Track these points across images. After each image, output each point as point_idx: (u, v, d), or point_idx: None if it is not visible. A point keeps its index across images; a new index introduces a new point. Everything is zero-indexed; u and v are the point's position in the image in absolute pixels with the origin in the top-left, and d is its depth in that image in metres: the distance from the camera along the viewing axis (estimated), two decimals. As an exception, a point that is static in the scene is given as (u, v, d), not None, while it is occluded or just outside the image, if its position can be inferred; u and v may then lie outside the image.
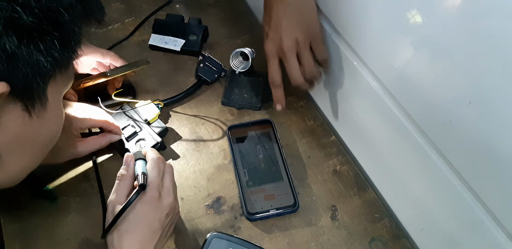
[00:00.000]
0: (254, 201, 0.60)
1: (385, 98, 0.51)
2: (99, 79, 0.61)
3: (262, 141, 0.66)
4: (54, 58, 0.33)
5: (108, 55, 0.67)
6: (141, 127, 0.64)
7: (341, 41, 0.56)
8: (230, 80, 0.72)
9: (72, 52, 0.35)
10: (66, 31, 0.33)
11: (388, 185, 0.61)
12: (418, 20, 0.40)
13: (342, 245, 0.59)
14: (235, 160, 0.64)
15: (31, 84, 0.32)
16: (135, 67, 0.63)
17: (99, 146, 0.60)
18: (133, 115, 0.65)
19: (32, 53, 0.31)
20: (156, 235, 0.46)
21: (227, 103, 0.71)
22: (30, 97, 0.33)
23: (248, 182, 0.62)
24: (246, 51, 0.67)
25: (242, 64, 0.70)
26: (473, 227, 0.45)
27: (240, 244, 0.55)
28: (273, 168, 0.64)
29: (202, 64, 0.72)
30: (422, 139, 0.47)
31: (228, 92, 0.71)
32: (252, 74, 0.73)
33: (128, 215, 0.45)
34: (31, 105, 0.34)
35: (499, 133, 0.36)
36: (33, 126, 0.36)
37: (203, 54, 0.74)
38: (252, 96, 0.71)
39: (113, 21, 0.82)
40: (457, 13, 0.36)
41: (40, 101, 0.34)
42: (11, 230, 0.58)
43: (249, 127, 0.68)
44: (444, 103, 0.42)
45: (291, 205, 0.60)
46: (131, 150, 0.62)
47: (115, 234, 0.45)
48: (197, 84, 0.72)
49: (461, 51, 0.37)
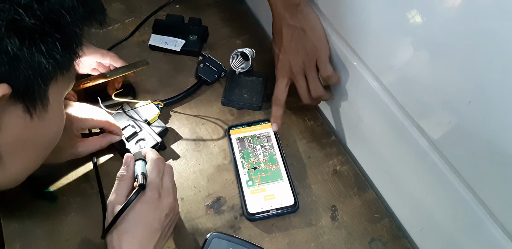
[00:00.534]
0: (254, 201, 0.60)
1: (384, 98, 0.51)
2: (99, 80, 0.61)
3: (262, 140, 0.66)
4: (55, 60, 0.33)
5: (108, 56, 0.67)
6: (141, 127, 0.64)
7: (341, 41, 0.56)
8: (230, 80, 0.72)
9: (73, 54, 0.36)
10: (67, 33, 0.33)
11: (388, 185, 0.61)
12: (418, 20, 0.40)
13: (342, 245, 0.59)
14: (235, 160, 0.64)
15: (33, 86, 0.32)
16: (135, 68, 0.63)
17: (100, 147, 0.60)
18: (133, 115, 0.65)
19: (33, 55, 0.31)
20: (156, 235, 0.46)
21: (227, 103, 0.71)
22: (32, 99, 0.33)
23: (248, 182, 0.62)
24: (246, 51, 0.67)
25: (242, 64, 0.70)
26: (473, 227, 0.45)
27: (240, 244, 0.55)
28: (273, 168, 0.64)
29: (202, 64, 0.72)
30: (421, 139, 0.47)
31: (228, 93, 0.71)
32: (253, 74, 0.73)
33: (128, 215, 0.45)
34: (32, 107, 0.34)
35: (499, 132, 0.36)
36: (34, 128, 0.36)
37: (203, 55, 0.74)
38: (253, 96, 0.71)
39: (113, 21, 0.82)
40: (457, 12, 0.36)
41: (41, 103, 0.34)
42: (11, 230, 0.58)
43: (249, 126, 0.68)
44: (443, 103, 0.42)
45: (291, 205, 0.60)
46: (131, 150, 0.62)
47: (114, 234, 0.45)
48: (197, 84, 0.72)
49: (461, 51, 0.37)
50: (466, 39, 0.36)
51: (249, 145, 0.66)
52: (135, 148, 0.62)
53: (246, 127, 0.68)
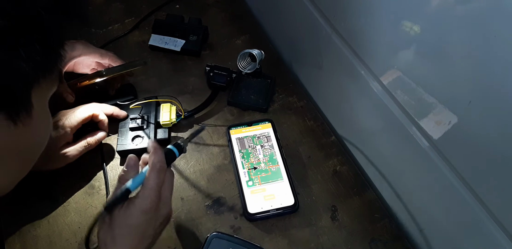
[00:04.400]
0: (254, 201, 0.60)
1: (384, 98, 0.51)
2: (96, 78, 0.61)
3: (262, 140, 0.66)
4: (36, 63, 0.30)
5: (107, 56, 0.67)
6: (148, 125, 0.64)
7: (341, 41, 0.56)
8: (238, 81, 0.72)
9: (55, 55, 0.33)
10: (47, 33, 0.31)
11: (388, 185, 0.61)
12: (418, 20, 0.40)
13: (342, 245, 0.59)
14: (235, 160, 0.64)
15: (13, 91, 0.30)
16: (132, 67, 0.63)
17: (86, 147, 0.61)
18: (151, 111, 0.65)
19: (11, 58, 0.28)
20: (148, 240, 0.46)
21: (233, 103, 0.71)
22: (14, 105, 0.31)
23: (248, 182, 0.62)
24: (255, 52, 0.66)
25: (250, 65, 0.70)
26: (473, 227, 0.45)
27: (240, 244, 0.55)
28: (273, 168, 0.64)
29: (212, 73, 0.71)
30: (421, 139, 0.47)
31: (235, 93, 0.71)
32: (261, 76, 0.73)
33: (126, 220, 0.45)
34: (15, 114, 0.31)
35: (499, 132, 0.36)
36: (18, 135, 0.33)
37: (208, 65, 0.73)
38: (259, 98, 0.71)
39: (113, 21, 0.82)
40: (456, 12, 0.35)
41: (25, 108, 0.32)
42: (11, 230, 0.58)
43: (249, 126, 0.68)
44: (443, 103, 0.42)
45: (291, 205, 0.60)
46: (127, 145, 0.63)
47: (109, 235, 0.45)
48: (214, 93, 0.71)
49: (461, 50, 0.37)
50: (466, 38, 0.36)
51: (249, 145, 0.66)
52: (130, 144, 0.63)
53: (246, 127, 0.68)
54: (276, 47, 0.80)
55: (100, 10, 0.83)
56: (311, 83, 0.73)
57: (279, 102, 0.73)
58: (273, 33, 0.81)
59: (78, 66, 0.67)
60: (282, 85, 0.74)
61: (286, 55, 0.78)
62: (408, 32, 0.42)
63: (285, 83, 0.75)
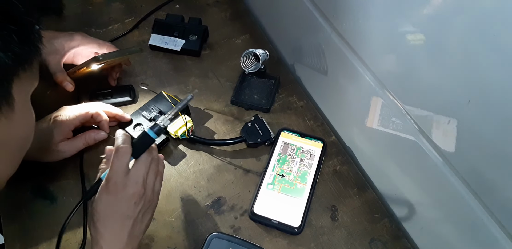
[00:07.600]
0: (264, 203, 0.60)
1: (384, 97, 0.51)
2: (92, 64, 0.60)
3: (305, 155, 0.65)
4: (14, 54, 0.31)
5: (104, 46, 0.67)
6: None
7: (341, 41, 0.56)
8: (242, 80, 0.72)
9: (33, 46, 0.34)
10: (23, 24, 0.31)
11: (388, 185, 0.61)
12: (418, 20, 0.40)
13: (342, 245, 0.59)
14: (270, 160, 0.64)
15: None
16: (128, 53, 0.63)
17: (83, 144, 0.61)
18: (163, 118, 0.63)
19: None
20: (128, 222, 0.46)
21: (236, 102, 0.71)
22: None
23: (269, 185, 0.62)
24: (259, 52, 0.66)
25: (253, 65, 0.70)
26: (473, 227, 0.45)
27: (240, 244, 0.55)
28: (299, 185, 0.62)
29: (251, 123, 0.67)
30: (421, 139, 0.47)
31: (238, 92, 0.71)
32: (265, 76, 0.73)
33: (97, 206, 0.46)
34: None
35: (499, 131, 0.36)
36: (2, 129, 0.34)
37: (257, 116, 0.68)
38: (262, 98, 0.71)
39: (113, 21, 0.82)
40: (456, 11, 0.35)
41: (7, 101, 0.32)
42: (11, 230, 0.58)
43: (301, 137, 0.67)
44: (443, 102, 0.42)
45: (294, 227, 0.58)
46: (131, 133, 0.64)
47: (91, 224, 0.46)
48: (237, 140, 0.66)
49: (460, 50, 0.37)
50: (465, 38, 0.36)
51: (290, 153, 0.65)
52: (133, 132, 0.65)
53: (298, 136, 0.67)
54: (276, 47, 0.80)
55: (100, 10, 0.83)
56: (311, 83, 0.73)
57: (279, 102, 0.73)
58: (273, 33, 0.81)
59: (77, 57, 0.67)
60: (282, 85, 0.74)
61: (286, 55, 0.78)
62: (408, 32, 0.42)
63: (285, 83, 0.75)
